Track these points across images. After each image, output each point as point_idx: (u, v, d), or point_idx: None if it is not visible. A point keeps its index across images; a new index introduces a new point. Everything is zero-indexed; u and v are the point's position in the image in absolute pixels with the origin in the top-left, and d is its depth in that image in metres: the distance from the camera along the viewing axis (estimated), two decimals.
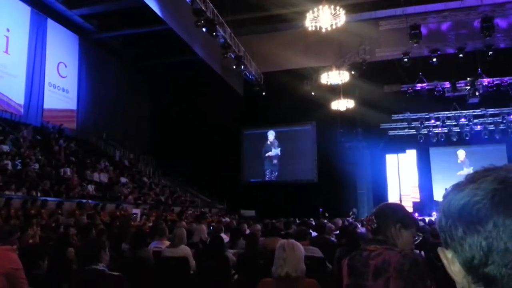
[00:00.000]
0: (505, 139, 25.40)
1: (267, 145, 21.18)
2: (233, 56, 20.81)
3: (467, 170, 20.00)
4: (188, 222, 11.92)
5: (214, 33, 18.10)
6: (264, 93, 22.69)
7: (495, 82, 23.38)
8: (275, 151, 20.82)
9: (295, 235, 6.15)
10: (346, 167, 21.33)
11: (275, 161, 20.60)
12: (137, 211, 14.84)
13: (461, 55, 21.47)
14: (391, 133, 26.16)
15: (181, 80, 27.94)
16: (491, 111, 24.97)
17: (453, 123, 25.98)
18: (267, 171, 20.57)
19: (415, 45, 20.64)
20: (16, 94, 21.23)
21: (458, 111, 25.54)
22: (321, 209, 21.46)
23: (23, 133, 19.26)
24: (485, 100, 24.11)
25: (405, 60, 21.71)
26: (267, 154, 20.87)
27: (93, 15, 24.29)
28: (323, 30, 15.24)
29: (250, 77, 22.82)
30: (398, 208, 2.40)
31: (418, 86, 24.19)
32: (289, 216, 15.57)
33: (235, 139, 22.15)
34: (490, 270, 0.73)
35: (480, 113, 25.12)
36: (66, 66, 24.61)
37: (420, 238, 2.39)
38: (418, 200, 26.01)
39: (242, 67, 21.47)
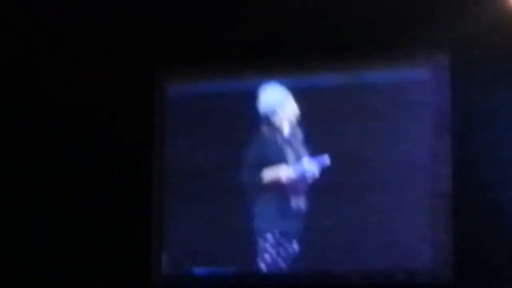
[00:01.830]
0: None
1: (264, 139, 3.90)
2: None
3: None
4: None
5: None
6: None
7: None
8: (303, 167, 3.77)
9: None
10: None
11: (298, 204, 3.83)
12: None
13: None
14: None
15: None
16: None
17: None
18: (267, 245, 3.77)
19: None
20: None
21: None
22: None
23: None
24: None
25: None
26: (268, 178, 3.79)
27: None
28: None
29: None
30: None
31: None
32: None
33: (136, 116, 4.18)
34: None
35: None
36: None
37: None
38: None
39: None
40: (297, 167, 4.13)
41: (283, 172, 4.14)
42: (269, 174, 4.14)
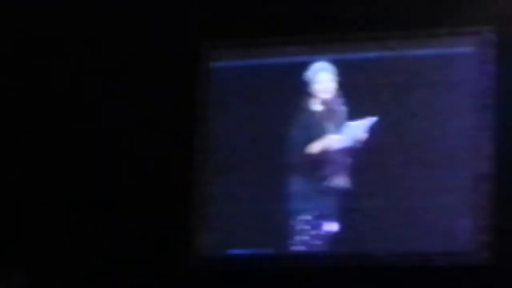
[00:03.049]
0: None
1: (306, 115, 3.99)
2: None
3: None
4: None
5: None
6: None
7: None
8: (351, 132, 3.81)
9: None
10: None
11: (337, 183, 3.83)
12: None
13: None
14: None
15: None
16: None
17: None
18: (305, 226, 3.89)
19: None
20: None
21: None
22: None
23: None
24: None
25: None
26: (316, 149, 3.89)
27: None
28: None
29: None
30: None
31: None
32: None
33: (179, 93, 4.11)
34: None
35: None
36: None
37: None
38: None
39: None
40: (345, 133, 3.92)
41: (331, 141, 3.95)
42: (317, 145, 3.95)
